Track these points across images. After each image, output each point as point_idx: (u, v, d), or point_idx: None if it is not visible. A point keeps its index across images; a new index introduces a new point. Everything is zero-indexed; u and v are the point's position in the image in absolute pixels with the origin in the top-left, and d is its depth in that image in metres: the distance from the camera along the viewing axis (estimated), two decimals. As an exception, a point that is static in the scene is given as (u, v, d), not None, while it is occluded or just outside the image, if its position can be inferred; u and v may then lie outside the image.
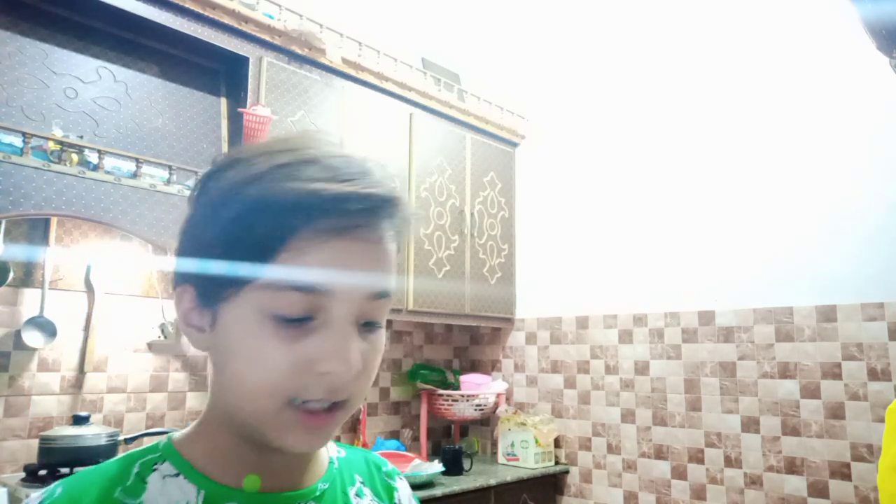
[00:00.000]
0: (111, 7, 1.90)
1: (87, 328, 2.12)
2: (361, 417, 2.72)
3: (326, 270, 0.49)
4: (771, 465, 2.35)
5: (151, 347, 2.25)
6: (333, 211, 0.49)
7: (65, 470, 1.78)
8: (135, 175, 1.92)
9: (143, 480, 0.52)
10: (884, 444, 0.95)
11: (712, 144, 2.66)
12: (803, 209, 2.41)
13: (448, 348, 3.31)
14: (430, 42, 3.35)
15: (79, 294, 2.12)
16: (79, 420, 1.90)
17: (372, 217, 0.51)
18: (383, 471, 0.70)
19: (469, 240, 2.95)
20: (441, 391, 2.91)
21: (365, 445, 2.68)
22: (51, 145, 1.77)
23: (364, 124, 2.56)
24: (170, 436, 0.57)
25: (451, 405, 2.88)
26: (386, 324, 0.57)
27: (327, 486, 0.60)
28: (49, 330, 2.00)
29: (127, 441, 1.99)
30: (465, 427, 3.27)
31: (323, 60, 2.42)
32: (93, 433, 1.87)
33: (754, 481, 2.38)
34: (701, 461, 2.52)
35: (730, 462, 2.45)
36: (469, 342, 3.38)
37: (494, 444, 3.01)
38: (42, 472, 1.80)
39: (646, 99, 2.88)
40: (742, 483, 2.41)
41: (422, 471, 2.32)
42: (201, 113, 2.23)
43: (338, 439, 0.64)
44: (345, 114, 2.49)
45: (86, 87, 1.96)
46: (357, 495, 0.64)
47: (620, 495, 2.72)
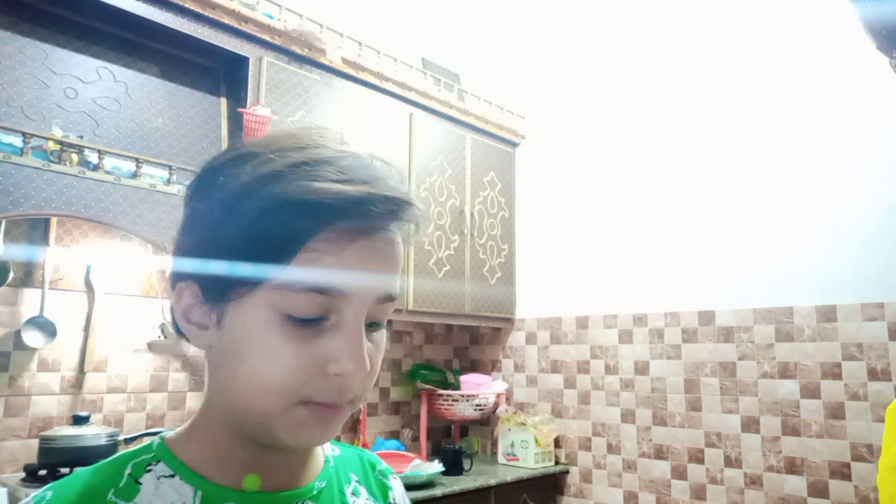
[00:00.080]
0: (111, 7, 1.90)
1: (87, 328, 2.12)
2: (361, 417, 2.72)
3: (346, 272, 0.49)
4: (771, 465, 2.35)
5: (151, 347, 2.25)
6: (355, 213, 0.49)
7: (65, 470, 1.78)
8: (135, 175, 1.92)
9: (137, 482, 0.52)
10: (884, 444, 0.95)
11: (712, 144, 2.66)
12: (803, 209, 2.41)
13: (448, 348, 3.31)
14: (430, 42, 3.35)
15: (79, 294, 2.12)
16: (79, 420, 1.90)
17: (391, 219, 0.51)
18: (377, 469, 0.70)
19: (469, 240, 2.95)
20: (441, 391, 2.91)
21: (365, 445, 2.68)
22: (51, 145, 1.77)
23: (364, 124, 2.56)
24: (162, 436, 0.56)
25: (451, 405, 2.88)
26: (386, 323, 0.57)
27: (324, 485, 0.60)
28: (49, 330, 2.00)
29: (127, 441, 1.99)
30: (465, 427, 3.27)
31: (323, 60, 2.42)
32: (93, 433, 1.87)
33: (754, 481, 2.38)
34: (701, 461, 2.52)
35: (730, 462, 2.45)
36: (469, 342, 3.38)
37: (494, 444, 3.01)
38: (42, 472, 1.80)
39: (646, 99, 2.88)
40: (742, 483, 2.41)
41: (422, 471, 2.32)
42: (201, 113, 2.23)
43: (338, 439, 0.64)
44: (345, 114, 2.49)
45: (86, 87, 1.96)
46: (353, 494, 0.63)
47: (620, 495, 2.72)
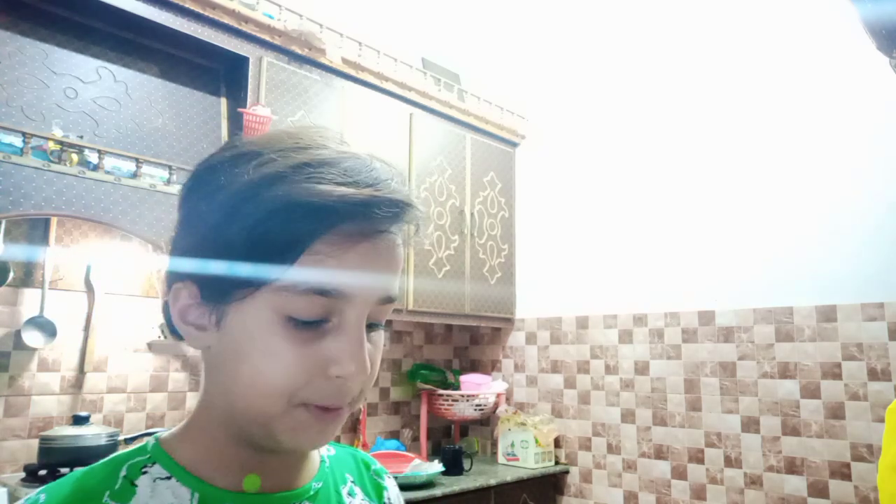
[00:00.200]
0: (111, 7, 1.90)
1: (87, 328, 2.12)
2: (361, 417, 2.72)
3: (349, 274, 0.49)
4: (771, 465, 2.35)
5: (151, 347, 2.25)
6: (359, 216, 0.49)
7: (65, 470, 1.78)
8: (135, 175, 1.92)
9: (133, 484, 0.51)
10: (884, 444, 0.95)
11: (712, 144, 2.66)
12: (803, 209, 2.41)
13: (448, 348, 3.31)
14: (430, 42, 3.35)
15: (79, 294, 2.12)
16: (79, 420, 1.90)
17: (395, 222, 0.51)
18: (372, 469, 0.70)
19: (469, 240, 2.95)
20: (441, 391, 2.91)
21: (365, 445, 2.68)
22: (51, 145, 1.77)
23: (364, 124, 2.56)
24: (156, 437, 0.55)
25: (451, 405, 2.88)
26: (386, 323, 0.57)
27: (321, 486, 0.60)
28: (49, 330, 2.00)
29: (127, 441, 2.00)
30: (465, 427, 3.27)
31: (323, 60, 2.42)
32: (93, 433, 1.87)
33: (754, 481, 2.38)
34: (701, 461, 2.52)
35: (730, 462, 2.45)
36: (469, 342, 3.38)
37: (494, 444, 3.01)
38: (42, 472, 1.80)
39: (646, 99, 2.88)
40: (742, 483, 2.41)
41: (422, 471, 2.32)
42: (201, 113, 2.23)
43: (337, 440, 0.64)
44: (345, 114, 2.49)
45: (86, 87, 1.96)
46: (349, 494, 0.64)
47: (620, 495, 2.72)
